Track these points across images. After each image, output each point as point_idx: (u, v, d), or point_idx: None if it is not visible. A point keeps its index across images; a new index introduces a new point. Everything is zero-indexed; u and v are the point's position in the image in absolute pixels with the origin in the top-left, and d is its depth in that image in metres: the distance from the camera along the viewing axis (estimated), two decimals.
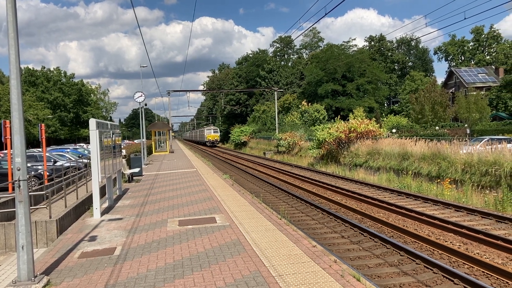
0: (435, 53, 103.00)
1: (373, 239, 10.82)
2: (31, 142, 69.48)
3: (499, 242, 9.92)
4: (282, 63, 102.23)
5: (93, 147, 11.69)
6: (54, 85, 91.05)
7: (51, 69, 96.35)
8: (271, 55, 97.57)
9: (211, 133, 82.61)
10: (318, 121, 58.42)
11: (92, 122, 11.79)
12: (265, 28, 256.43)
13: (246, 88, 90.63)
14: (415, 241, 10.65)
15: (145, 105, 35.72)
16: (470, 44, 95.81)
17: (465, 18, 21.99)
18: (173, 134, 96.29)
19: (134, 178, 21.46)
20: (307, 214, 14.45)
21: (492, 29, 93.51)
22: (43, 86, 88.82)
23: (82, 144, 55.53)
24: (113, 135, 14.27)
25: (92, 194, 12.29)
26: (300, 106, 68.26)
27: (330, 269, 6.68)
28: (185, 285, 6.34)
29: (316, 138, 32.74)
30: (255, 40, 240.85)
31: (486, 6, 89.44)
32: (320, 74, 73.88)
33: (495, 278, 7.96)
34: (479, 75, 73.56)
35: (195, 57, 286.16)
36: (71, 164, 21.72)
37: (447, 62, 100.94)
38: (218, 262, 7.31)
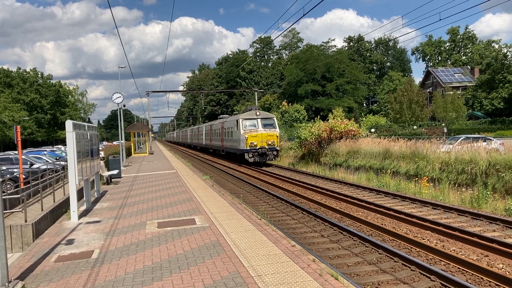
0: (413, 53, 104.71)
1: (352, 238, 10.91)
2: (7, 144, 68.08)
3: (474, 238, 10.12)
4: (262, 63, 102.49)
5: (70, 149, 11.52)
6: (31, 86, 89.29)
7: (27, 70, 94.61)
8: (251, 55, 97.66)
9: (260, 130, 32.57)
10: (298, 121, 58.76)
11: (69, 124, 11.61)
12: (245, 28, 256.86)
13: (227, 89, 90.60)
14: (393, 239, 10.77)
15: (124, 106, 35.39)
16: (447, 44, 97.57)
17: (440, 19, 22.47)
18: (152, 135, 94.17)
19: (113, 180, 21.20)
20: (287, 214, 14.49)
21: (467, 30, 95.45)
22: (19, 87, 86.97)
23: (60, 146, 54.65)
24: (91, 137, 14.09)
25: (69, 196, 12.10)
26: (280, 106, 68.50)
27: (309, 268, 6.71)
28: (163, 287, 6.29)
29: (298, 136, 33.17)
30: (235, 40, 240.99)
31: (460, 7, 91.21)
32: (300, 74, 74.30)
33: (470, 274, 8.11)
34: (455, 75, 75.03)
35: (175, 58, 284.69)
36: (48, 167, 21.35)
37: (424, 62, 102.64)
38: (197, 263, 7.28)
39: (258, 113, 32.98)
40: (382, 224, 12.14)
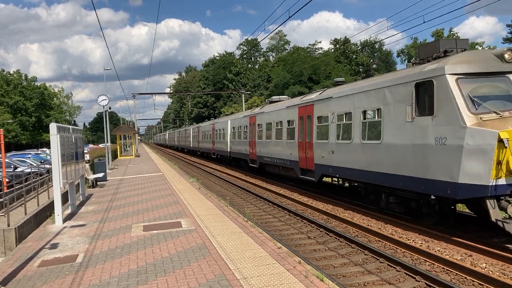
0: (398, 55, 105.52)
1: (338, 239, 10.96)
2: None
3: (458, 239, 10.22)
4: (249, 65, 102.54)
5: (54, 152, 11.40)
6: (15, 88, 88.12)
7: (11, 72, 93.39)
8: (238, 57, 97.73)
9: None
10: None
11: (53, 127, 11.50)
12: (232, 30, 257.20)
13: (213, 91, 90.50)
14: (379, 240, 10.84)
15: (110, 108, 35.16)
16: None
17: (424, 22, 22.87)
18: (139, 137, 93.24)
19: (98, 183, 21.04)
20: (274, 216, 14.50)
21: (452, 32, 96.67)
22: (3, 89, 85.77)
23: (44, 149, 54.01)
24: (76, 140, 13.95)
25: (54, 200, 11.96)
26: None
27: (295, 270, 6.72)
28: None
29: None
30: (222, 42, 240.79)
31: (443, 10, 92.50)
32: (286, 76, 74.55)
33: (454, 274, 8.19)
34: None
35: (161, 60, 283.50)
36: (33, 170, 21.09)
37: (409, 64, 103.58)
38: (182, 266, 7.24)
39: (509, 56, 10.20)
40: (368, 225, 12.20)
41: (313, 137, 17.22)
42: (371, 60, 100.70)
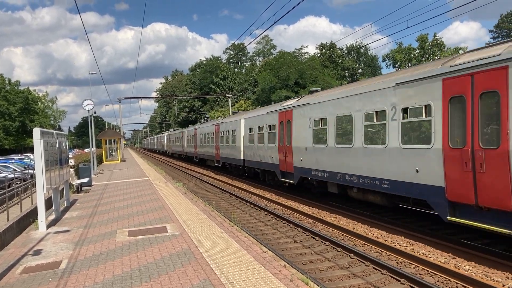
0: (383, 60, 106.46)
1: (324, 243, 10.99)
2: None
3: (442, 241, 10.32)
4: (236, 70, 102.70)
5: (38, 157, 11.28)
6: None
7: None
8: (224, 62, 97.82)
9: None
10: None
11: (36, 132, 11.38)
12: (219, 35, 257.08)
13: (200, 95, 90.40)
14: (365, 243, 10.90)
15: (95, 113, 34.87)
16: (416, 51, 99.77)
17: (408, 27, 23.17)
18: (124, 142, 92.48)
19: (83, 188, 20.83)
20: (261, 220, 14.49)
21: (436, 37, 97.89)
22: None
23: (28, 154, 53.34)
24: (60, 145, 13.81)
25: (37, 206, 11.81)
26: None
27: (280, 274, 6.72)
28: None
29: None
30: (209, 46, 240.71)
31: (427, 15, 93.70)
32: (273, 80, 74.74)
33: (439, 276, 8.27)
34: None
35: (148, 64, 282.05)
36: (16, 175, 20.81)
37: (395, 69, 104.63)
38: (168, 272, 7.20)
39: None
40: (354, 229, 12.26)
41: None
42: (357, 65, 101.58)
